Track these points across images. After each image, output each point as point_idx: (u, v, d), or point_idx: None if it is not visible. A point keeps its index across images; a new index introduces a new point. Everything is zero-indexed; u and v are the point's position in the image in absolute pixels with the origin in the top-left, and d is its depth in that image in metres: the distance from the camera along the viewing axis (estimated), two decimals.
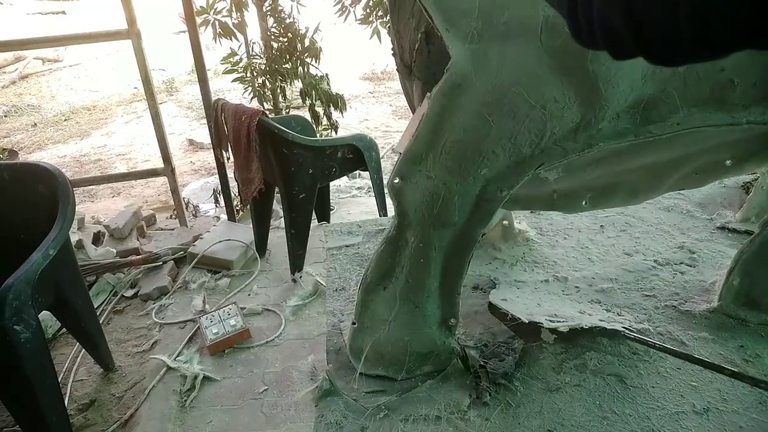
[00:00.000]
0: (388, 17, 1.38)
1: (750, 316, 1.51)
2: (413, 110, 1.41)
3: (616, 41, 0.52)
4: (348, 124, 6.11)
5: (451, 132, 1.17)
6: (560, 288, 1.75)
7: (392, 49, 1.45)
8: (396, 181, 1.20)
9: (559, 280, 1.85)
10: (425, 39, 1.26)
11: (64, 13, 11.76)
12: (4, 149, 5.38)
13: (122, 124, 6.88)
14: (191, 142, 6.10)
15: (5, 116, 7.16)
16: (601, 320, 1.48)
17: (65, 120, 7.01)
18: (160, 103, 7.03)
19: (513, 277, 1.73)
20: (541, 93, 1.14)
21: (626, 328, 1.40)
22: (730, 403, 1.22)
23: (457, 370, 1.34)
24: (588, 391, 1.27)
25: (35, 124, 6.89)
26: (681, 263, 1.93)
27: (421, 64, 1.30)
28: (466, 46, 1.10)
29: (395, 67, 1.46)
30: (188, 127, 6.61)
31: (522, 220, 2.08)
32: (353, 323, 1.34)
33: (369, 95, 7.62)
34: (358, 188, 4.60)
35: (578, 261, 2.02)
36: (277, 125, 2.71)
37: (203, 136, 5.85)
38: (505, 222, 1.80)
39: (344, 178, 4.73)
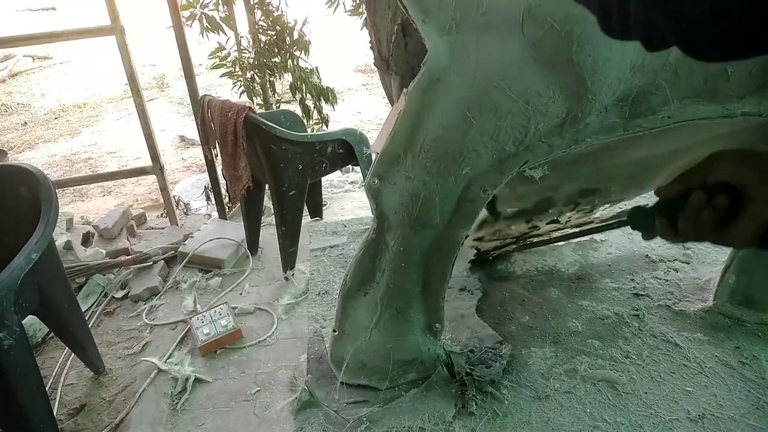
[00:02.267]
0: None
1: (746, 316, 1.45)
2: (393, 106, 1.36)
3: (654, 31, 0.51)
4: (341, 118, 6.04)
5: (429, 130, 1.11)
6: (549, 285, 1.70)
7: (370, 42, 1.38)
8: (374, 182, 1.15)
9: (548, 277, 1.79)
10: (402, 31, 1.20)
11: (54, 9, 11.66)
12: None
13: (113, 121, 6.82)
14: (183, 138, 6.04)
15: None
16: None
17: (56, 118, 6.95)
18: (151, 100, 6.99)
19: (502, 276, 1.69)
20: (524, 87, 1.07)
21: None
22: (726, 409, 1.17)
23: (442, 378, 1.28)
24: (578, 398, 1.22)
25: (25, 122, 6.82)
26: (675, 260, 1.88)
27: (398, 58, 1.24)
28: (443, 38, 1.04)
29: (373, 62, 1.40)
30: (180, 123, 6.55)
31: None
32: (334, 330, 1.29)
33: (362, 87, 7.54)
34: (352, 183, 4.54)
35: (569, 258, 1.97)
36: (265, 121, 2.65)
37: (195, 132, 5.79)
38: None
39: (337, 173, 4.67)
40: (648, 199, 1.86)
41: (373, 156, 1.17)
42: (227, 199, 3.97)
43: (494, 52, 1.05)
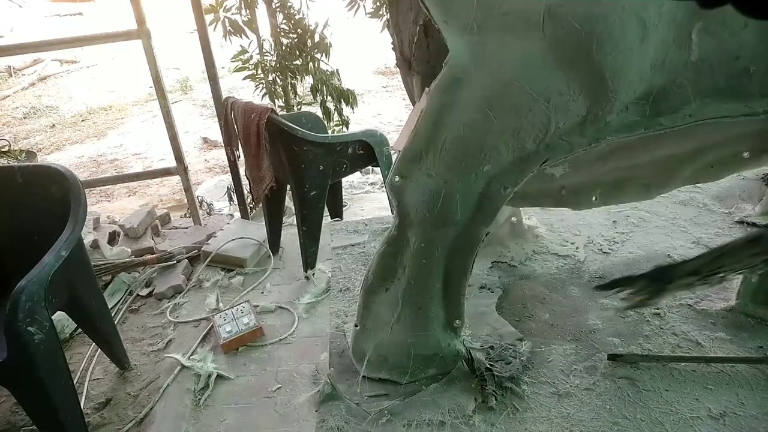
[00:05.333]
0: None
1: None
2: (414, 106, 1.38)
3: None
4: (361, 119, 6.08)
5: (451, 128, 1.13)
6: (569, 284, 1.70)
7: (392, 43, 1.41)
8: (396, 179, 1.17)
9: (568, 275, 1.79)
10: (424, 32, 1.22)
11: (81, 14, 11.91)
12: (22, 150, 5.46)
13: (138, 123, 6.95)
14: (205, 140, 6.14)
15: (24, 117, 7.28)
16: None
17: (83, 120, 7.11)
18: (175, 102, 7.10)
19: (522, 274, 1.69)
20: (545, 86, 1.09)
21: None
22: (748, 408, 1.17)
23: (462, 374, 1.30)
24: (598, 394, 1.23)
25: (53, 125, 6.99)
26: None
27: (420, 58, 1.26)
28: (464, 38, 1.06)
29: (395, 62, 1.42)
30: (203, 125, 6.65)
31: (531, 216, 2.02)
32: (356, 325, 1.31)
33: (382, 89, 7.58)
34: (371, 184, 4.57)
35: (590, 257, 1.96)
36: (287, 122, 2.69)
37: (217, 133, 5.88)
38: (514, 219, 1.75)
39: (357, 174, 4.70)
40: None
41: (395, 154, 1.20)
42: (249, 200, 4.02)
43: (515, 52, 1.07)
